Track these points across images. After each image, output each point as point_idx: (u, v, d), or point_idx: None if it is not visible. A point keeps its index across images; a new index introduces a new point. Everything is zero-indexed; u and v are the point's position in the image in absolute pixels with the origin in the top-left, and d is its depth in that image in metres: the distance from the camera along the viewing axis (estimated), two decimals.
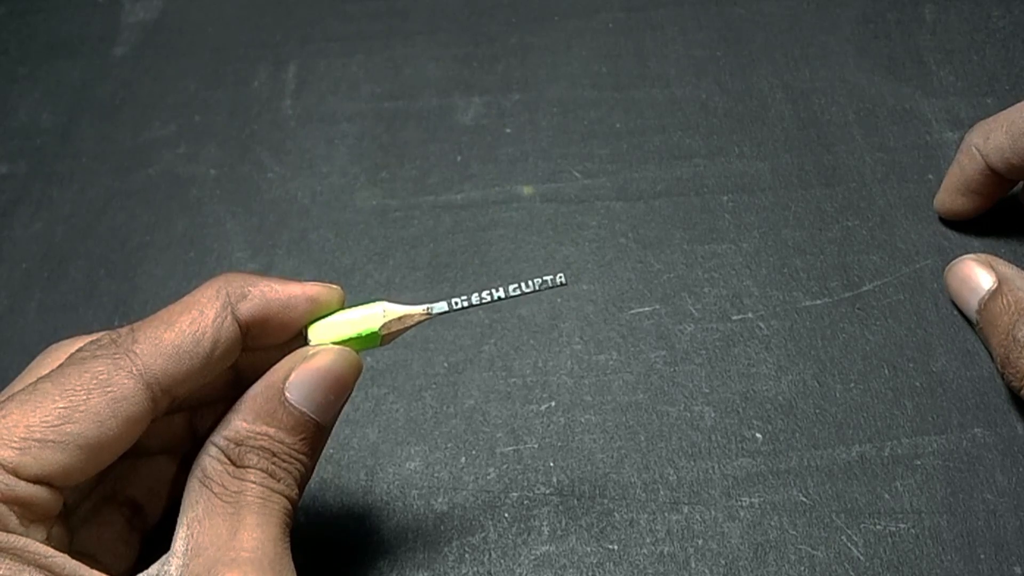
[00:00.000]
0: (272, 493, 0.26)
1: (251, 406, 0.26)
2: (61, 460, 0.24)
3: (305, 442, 0.27)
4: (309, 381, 0.27)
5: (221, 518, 0.25)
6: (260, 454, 0.26)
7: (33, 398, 0.24)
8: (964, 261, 0.35)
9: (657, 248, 0.40)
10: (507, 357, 0.37)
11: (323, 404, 0.27)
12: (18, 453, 0.23)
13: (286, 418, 0.26)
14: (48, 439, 0.24)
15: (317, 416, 0.27)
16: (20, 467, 0.23)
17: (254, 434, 0.26)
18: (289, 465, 0.26)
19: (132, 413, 0.25)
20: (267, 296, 0.27)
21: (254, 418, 0.26)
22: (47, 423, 0.24)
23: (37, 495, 0.24)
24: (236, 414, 0.26)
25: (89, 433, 0.24)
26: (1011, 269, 0.34)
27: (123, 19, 0.52)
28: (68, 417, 0.24)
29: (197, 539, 0.25)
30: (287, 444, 0.26)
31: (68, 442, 0.24)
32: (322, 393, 0.27)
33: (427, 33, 0.49)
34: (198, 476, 0.26)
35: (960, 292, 0.35)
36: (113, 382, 0.25)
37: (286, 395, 0.26)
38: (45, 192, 0.45)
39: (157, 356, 0.25)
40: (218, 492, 0.25)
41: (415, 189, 0.43)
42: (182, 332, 0.26)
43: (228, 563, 0.24)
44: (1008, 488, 0.32)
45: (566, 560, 0.32)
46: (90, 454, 0.24)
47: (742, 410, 0.35)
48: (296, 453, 0.26)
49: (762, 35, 0.46)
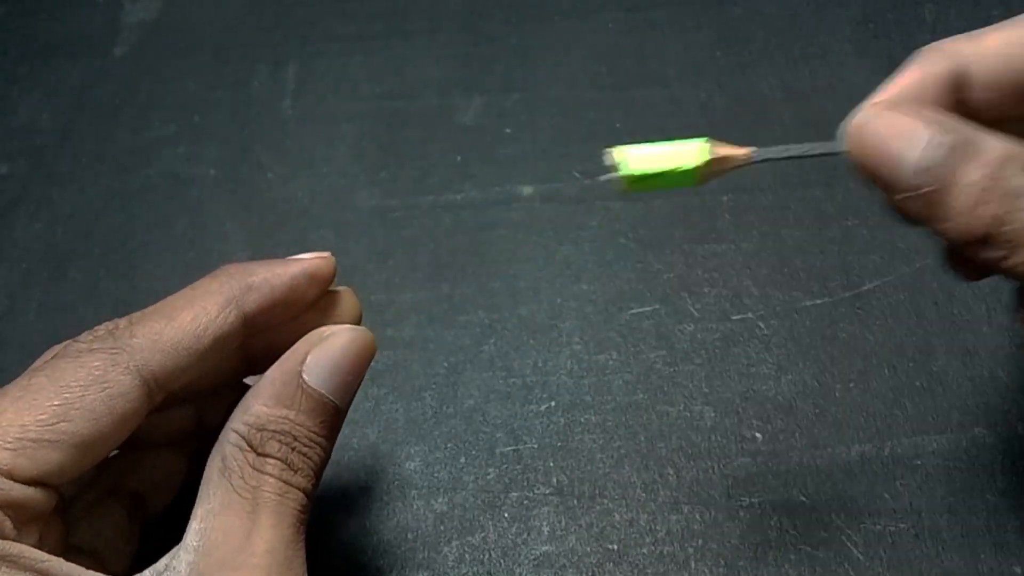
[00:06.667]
0: (289, 488, 0.25)
1: (269, 391, 0.26)
2: (57, 459, 0.23)
3: (324, 425, 0.26)
4: (326, 363, 0.26)
5: (236, 515, 0.24)
6: (281, 440, 0.25)
7: (27, 395, 0.24)
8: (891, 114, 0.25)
9: (657, 248, 0.40)
10: (507, 357, 0.37)
11: (340, 385, 0.27)
12: (13, 455, 0.23)
13: (305, 401, 0.26)
14: (44, 438, 0.23)
15: (335, 398, 0.27)
16: (15, 469, 0.23)
17: (275, 418, 0.26)
18: (309, 451, 0.26)
19: (128, 409, 0.24)
20: (272, 283, 0.27)
21: (274, 402, 0.26)
22: (42, 422, 0.23)
23: (31, 496, 0.23)
24: (255, 399, 0.26)
25: (85, 431, 0.24)
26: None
27: (123, 19, 0.52)
28: (63, 415, 0.23)
29: (210, 535, 0.24)
30: (307, 428, 0.26)
31: (63, 441, 0.23)
32: (339, 374, 0.27)
33: (427, 33, 0.49)
34: (218, 465, 0.25)
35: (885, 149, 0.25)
36: (109, 378, 0.24)
37: (304, 378, 0.26)
38: (45, 192, 0.45)
39: (155, 351, 0.25)
40: (236, 484, 0.25)
41: (415, 189, 0.43)
42: (183, 328, 0.26)
43: (238, 567, 0.24)
44: (1008, 488, 0.32)
45: (566, 560, 0.32)
46: (85, 452, 0.24)
47: (742, 410, 0.35)
48: (316, 436, 0.26)
49: (762, 35, 0.46)
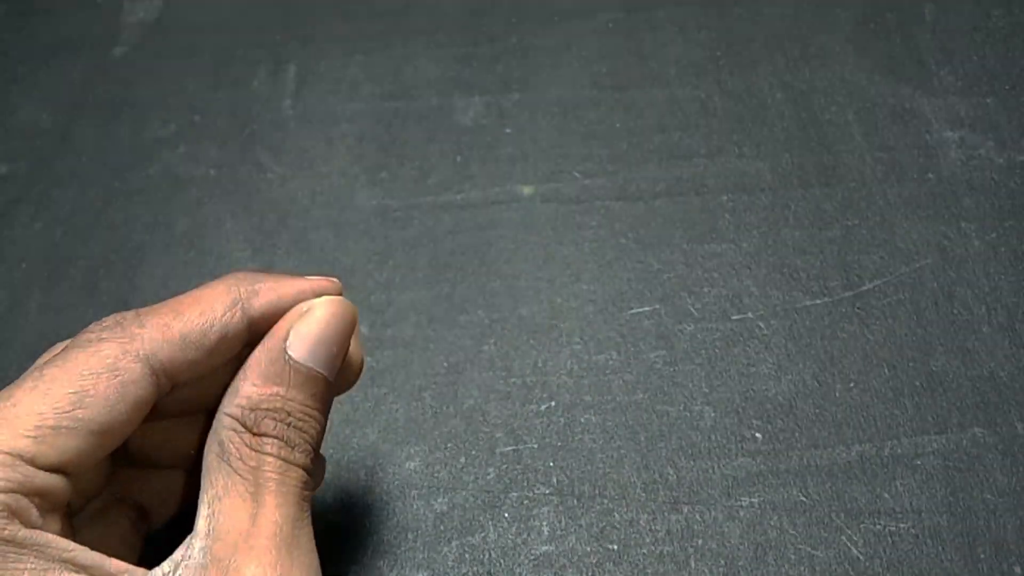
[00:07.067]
0: (289, 467, 0.26)
1: (257, 371, 0.26)
2: (75, 446, 0.24)
3: (315, 398, 0.27)
4: (308, 336, 0.27)
5: (240, 498, 0.25)
6: (276, 417, 0.26)
7: (42, 384, 0.24)
8: None
9: (657, 248, 0.40)
10: (507, 357, 0.37)
11: (326, 356, 0.27)
12: (33, 442, 0.23)
13: (294, 376, 0.26)
14: (62, 425, 0.23)
15: (323, 370, 0.27)
16: (37, 456, 0.23)
17: (267, 396, 0.26)
18: (304, 425, 0.26)
19: (140, 397, 0.25)
20: (278, 292, 0.28)
21: (263, 381, 0.26)
22: (59, 409, 0.23)
23: (53, 484, 0.23)
24: (244, 382, 0.26)
25: (100, 418, 0.24)
26: None
27: (123, 19, 0.52)
28: (79, 402, 0.24)
29: (218, 519, 0.24)
30: (299, 402, 0.26)
31: (81, 427, 0.24)
32: (323, 345, 0.27)
33: (427, 33, 0.49)
34: (215, 451, 0.25)
35: None
36: (121, 366, 0.25)
37: (289, 353, 0.26)
38: (45, 192, 0.45)
39: (163, 342, 0.25)
40: (236, 467, 0.25)
41: (415, 189, 0.43)
42: (190, 322, 0.26)
43: (247, 550, 0.24)
44: (1008, 488, 0.32)
45: (566, 560, 0.32)
46: (101, 439, 0.24)
47: (742, 410, 0.35)
48: (309, 410, 0.26)
49: (762, 35, 0.46)
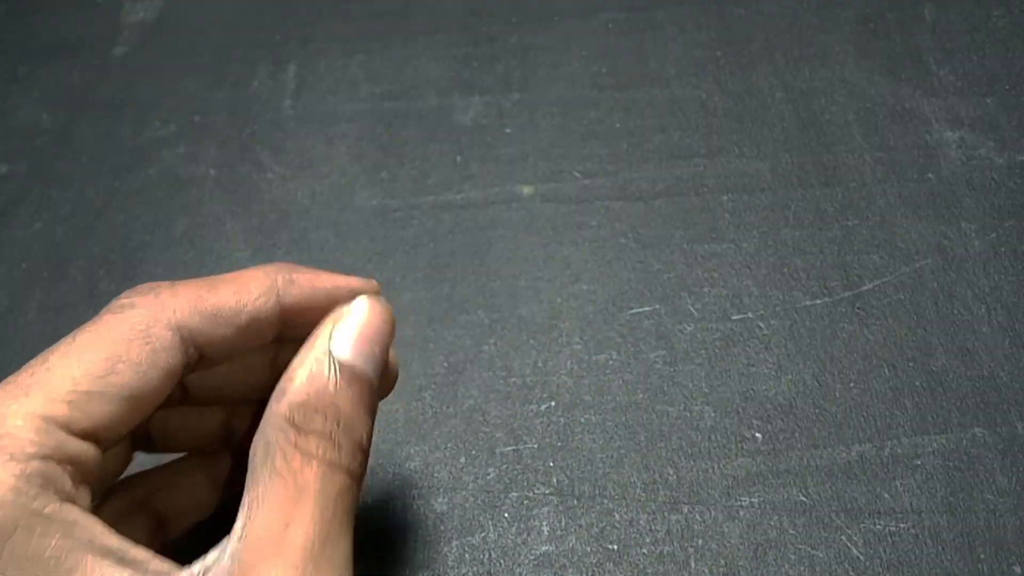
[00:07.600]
0: (334, 472, 0.25)
1: (303, 371, 0.26)
2: (108, 412, 0.23)
3: (361, 399, 0.26)
4: (351, 336, 0.26)
5: (279, 501, 0.24)
6: (324, 416, 0.25)
7: (74, 350, 0.24)
8: None
9: (657, 248, 0.40)
10: (507, 357, 0.37)
11: (369, 356, 0.27)
12: (68, 407, 0.23)
13: (341, 375, 0.26)
14: (95, 390, 0.23)
15: (367, 369, 0.26)
16: (71, 422, 0.23)
17: (314, 394, 0.25)
18: (352, 424, 0.26)
19: (170, 364, 0.25)
20: (314, 284, 0.27)
21: (310, 380, 0.26)
22: (92, 374, 0.23)
23: (86, 452, 0.23)
24: (290, 381, 0.26)
25: (133, 384, 0.24)
26: None
27: (123, 19, 0.52)
28: (111, 368, 0.23)
29: (254, 522, 0.24)
30: (345, 401, 0.26)
31: (114, 393, 0.23)
32: (366, 345, 0.27)
33: (427, 33, 0.49)
34: (260, 451, 0.25)
35: None
36: (152, 333, 0.24)
37: (334, 355, 0.26)
38: (45, 192, 0.45)
39: (194, 313, 0.25)
40: (279, 468, 0.24)
41: (415, 189, 0.43)
42: (224, 298, 0.26)
43: (275, 559, 0.23)
44: (1008, 488, 0.32)
45: (566, 560, 0.32)
46: (133, 405, 0.24)
47: (742, 410, 0.35)
48: (355, 411, 0.26)
49: (762, 35, 0.46)
